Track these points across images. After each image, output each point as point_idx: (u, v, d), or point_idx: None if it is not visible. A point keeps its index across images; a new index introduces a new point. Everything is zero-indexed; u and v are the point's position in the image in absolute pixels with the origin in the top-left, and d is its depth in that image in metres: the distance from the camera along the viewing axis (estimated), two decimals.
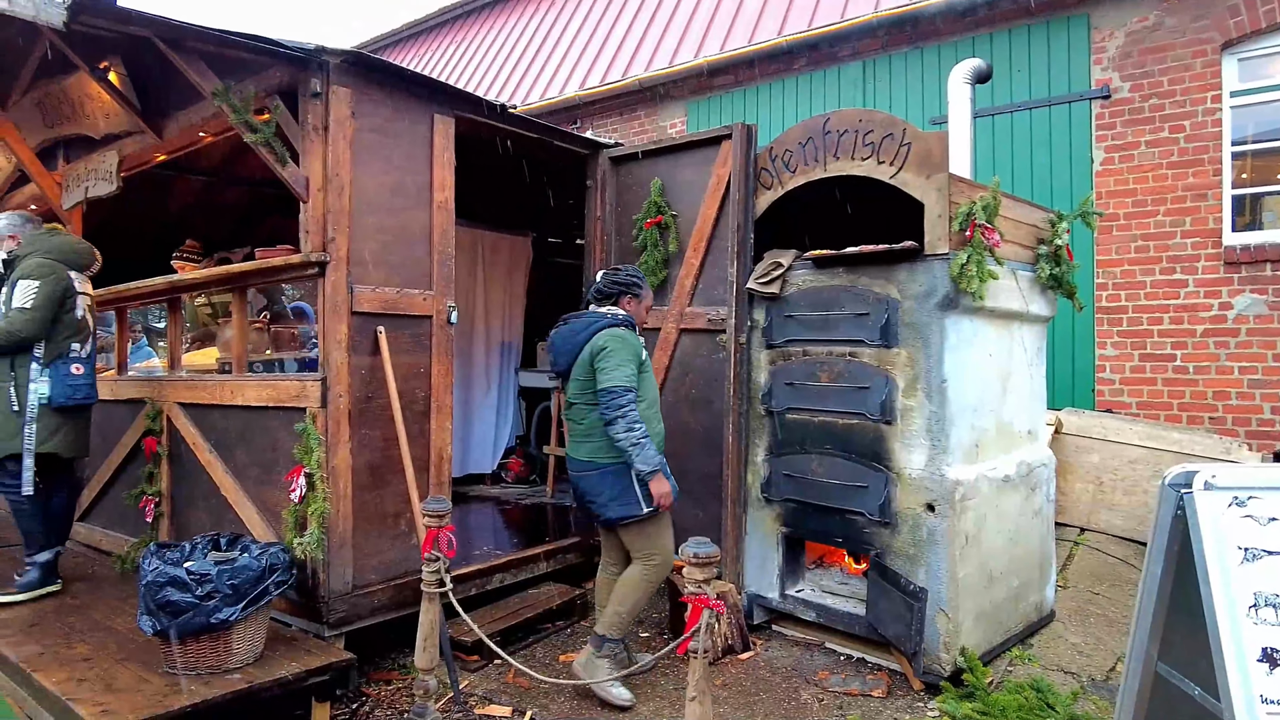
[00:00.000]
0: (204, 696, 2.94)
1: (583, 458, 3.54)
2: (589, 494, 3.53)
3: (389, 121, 3.80)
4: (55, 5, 2.92)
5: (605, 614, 3.53)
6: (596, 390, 3.41)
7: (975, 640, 3.57)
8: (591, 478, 3.50)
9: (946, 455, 3.49)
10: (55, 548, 4.12)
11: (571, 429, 3.62)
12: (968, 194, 3.58)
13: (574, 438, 3.60)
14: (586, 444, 3.53)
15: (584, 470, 3.54)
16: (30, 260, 4.00)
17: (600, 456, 3.47)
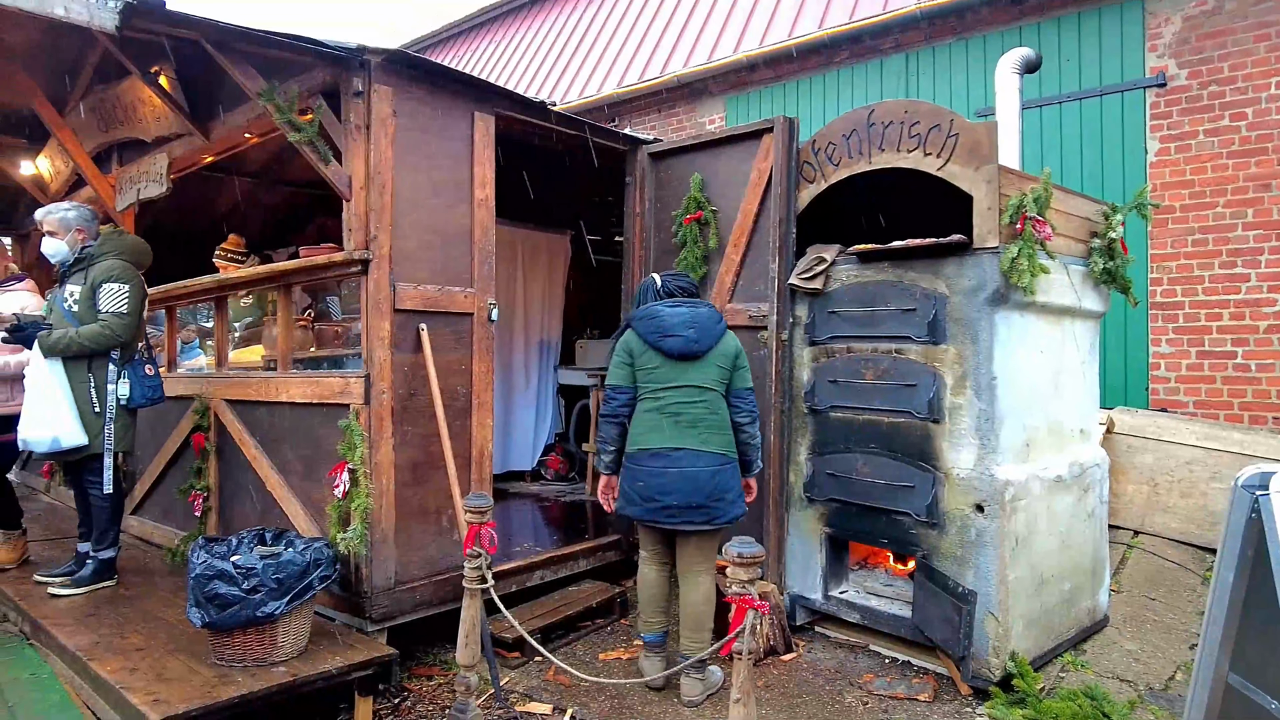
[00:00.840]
0: (250, 688, 2.98)
1: (715, 449, 3.38)
2: (718, 490, 3.33)
3: (430, 120, 3.81)
4: (108, 10, 2.98)
5: (699, 638, 3.42)
6: (734, 387, 3.47)
7: (1025, 645, 3.47)
8: (725, 473, 3.38)
9: (996, 455, 3.40)
10: (118, 545, 4.22)
11: (689, 418, 3.38)
12: (1018, 186, 3.48)
13: (699, 429, 3.38)
14: (718, 436, 3.40)
15: (716, 465, 3.36)
16: (111, 261, 4.07)
17: (731, 452, 3.43)
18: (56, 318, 4.02)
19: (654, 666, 3.48)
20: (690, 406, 3.42)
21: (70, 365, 3.92)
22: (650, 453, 3.41)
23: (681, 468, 3.34)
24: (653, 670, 3.47)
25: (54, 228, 4.06)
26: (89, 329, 3.93)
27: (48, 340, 3.88)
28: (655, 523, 3.41)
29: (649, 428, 3.45)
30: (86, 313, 3.99)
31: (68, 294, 4.03)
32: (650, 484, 3.39)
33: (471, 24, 12.51)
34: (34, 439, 3.86)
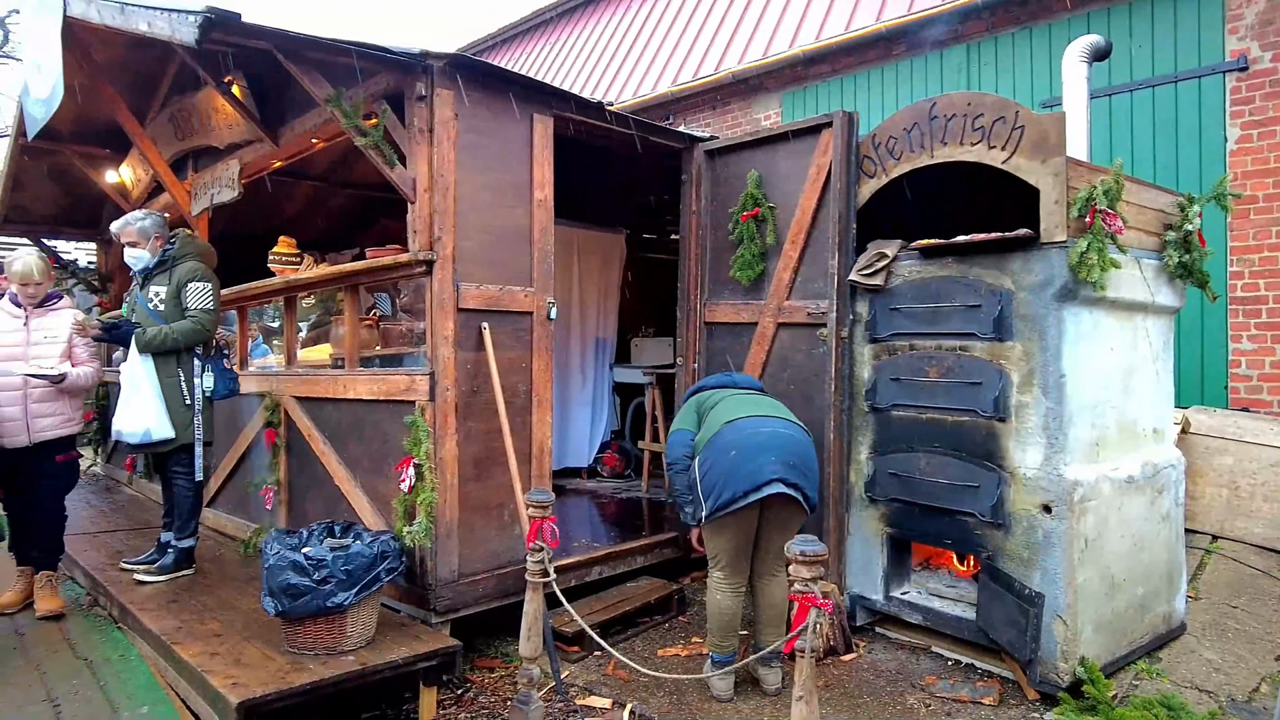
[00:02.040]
0: (322, 675, 3.08)
1: (799, 424, 3.53)
2: (810, 460, 3.39)
3: (490, 122, 3.88)
4: (188, 24, 3.11)
5: (780, 632, 3.48)
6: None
7: (1095, 650, 3.37)
8: (812, 449, 3.47)
9: (1064, 454, 3.31)
10: (197, 536, 4.42)
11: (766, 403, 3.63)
12: (1087, 178, 3.38)
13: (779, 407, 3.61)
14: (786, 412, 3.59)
15: (803, 434, 3.47)
16: (193, 263, 4.31)
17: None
18: (141, 317, 4.21)
19: (727, 685, 3.44)
20: (763, 402, 3.62)
21: (160, 361, 4.12)
22: (733, 423, 3.41)
23: (774, 428, 3.39)
24: (725, 688, 3.43)
25: (134, 238, 4.25)
26: (182, 325, 4.15)
27: (144, 337, 4.09)
28: (755, 490, 3.21)
29: (726, 410, 3.52)
30: (172, 312, 4.20)
31: (152, 295, 4.23)
32: (745, 447, 3.28)
33: (527, 26, 12.65)
34: (127, 431, 4.05)
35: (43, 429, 4.04)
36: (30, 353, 4.04)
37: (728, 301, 4.66)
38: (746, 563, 3.48)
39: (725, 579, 3.45)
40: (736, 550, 3.43)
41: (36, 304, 4.15)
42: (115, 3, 3.82)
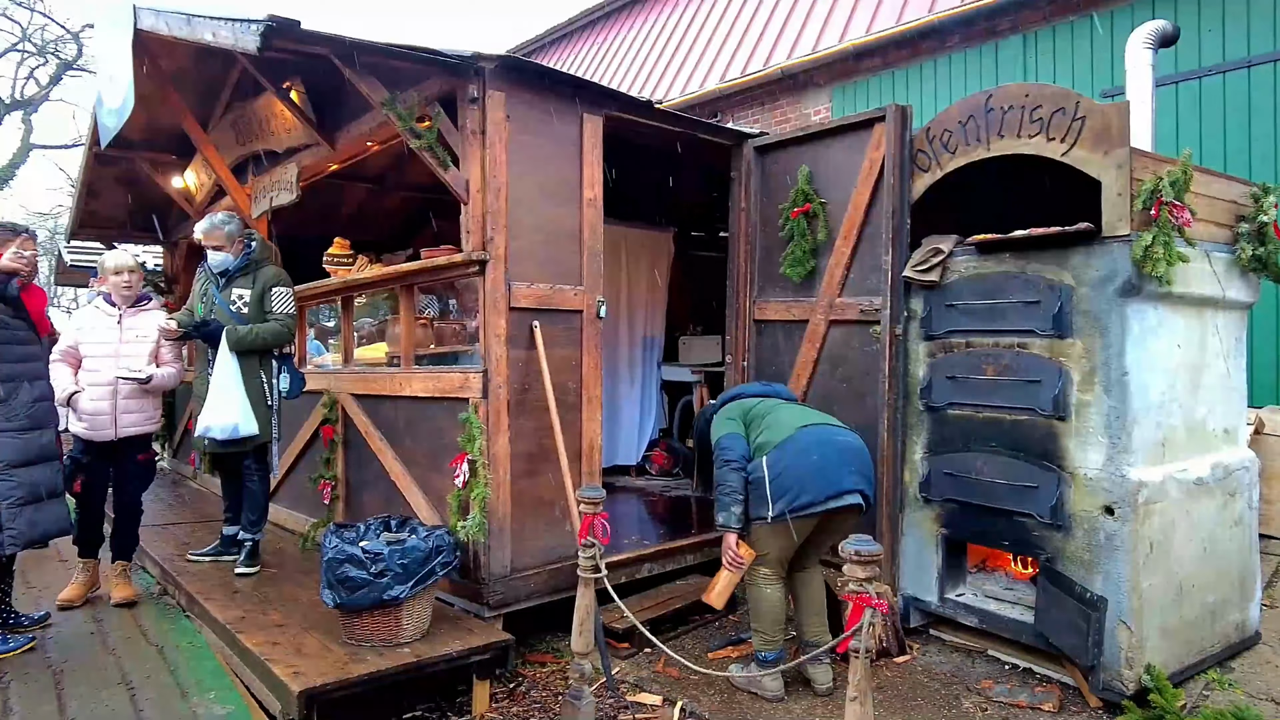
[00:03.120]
0: (379, 666, 3.16)
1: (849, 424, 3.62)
2: (871, 471, 3.49)
3: (540, 122, 3.92)
4: (251, 33, 3.21)
5: (823, 622, 3.57)
6: None
7: (1162, 658, 3.26)
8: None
9: (1128, 455, 3.21)
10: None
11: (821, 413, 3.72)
12: (1152, 169, 3.27)
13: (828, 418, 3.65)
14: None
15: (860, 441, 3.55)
16: (275, 268, 4.49)
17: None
18: (222, 319, 4.33)
19: (778, 684, 3.43)
20: (817, 413, 3.70)
21: (244, 361, 4.26)
22: (809, 428, 3.46)
23: (847, 439, 3.49)
24: (777, 688, 3.41)
25: (220, 241, 4.35)
26: (269, 327, 4.31)
27: (236, 335, 4.23)
28: (835, 497, 3.29)
29: (790, 415, 3.56)
30: (256, 314, 4.34)
31: (235, 297, 4.36)
32: (826, 453, 3.35)
33: (575, 26, 12.73)
34: (217, 427, 4.18)
35: (128, 425, 4.19)
36: (121, 351, 4.21)
37: (778, 299, 4.62)
38: (787, 561, 3.52)
39: (773, 572, 3.46)
40: (786, 549, 3.44)
41: (130, 304, 4.32)
42: (182, 15, 3.97)
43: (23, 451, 3.52)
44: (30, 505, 3.51)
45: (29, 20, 19.05)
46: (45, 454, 3.62)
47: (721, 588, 3.48)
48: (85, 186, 7.08)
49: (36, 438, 3.58)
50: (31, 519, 3.52)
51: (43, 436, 3.61)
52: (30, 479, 3.52)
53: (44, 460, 3.60)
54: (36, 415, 3.59)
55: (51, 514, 3.61)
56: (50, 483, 3.61)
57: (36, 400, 3.61)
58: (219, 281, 4.41)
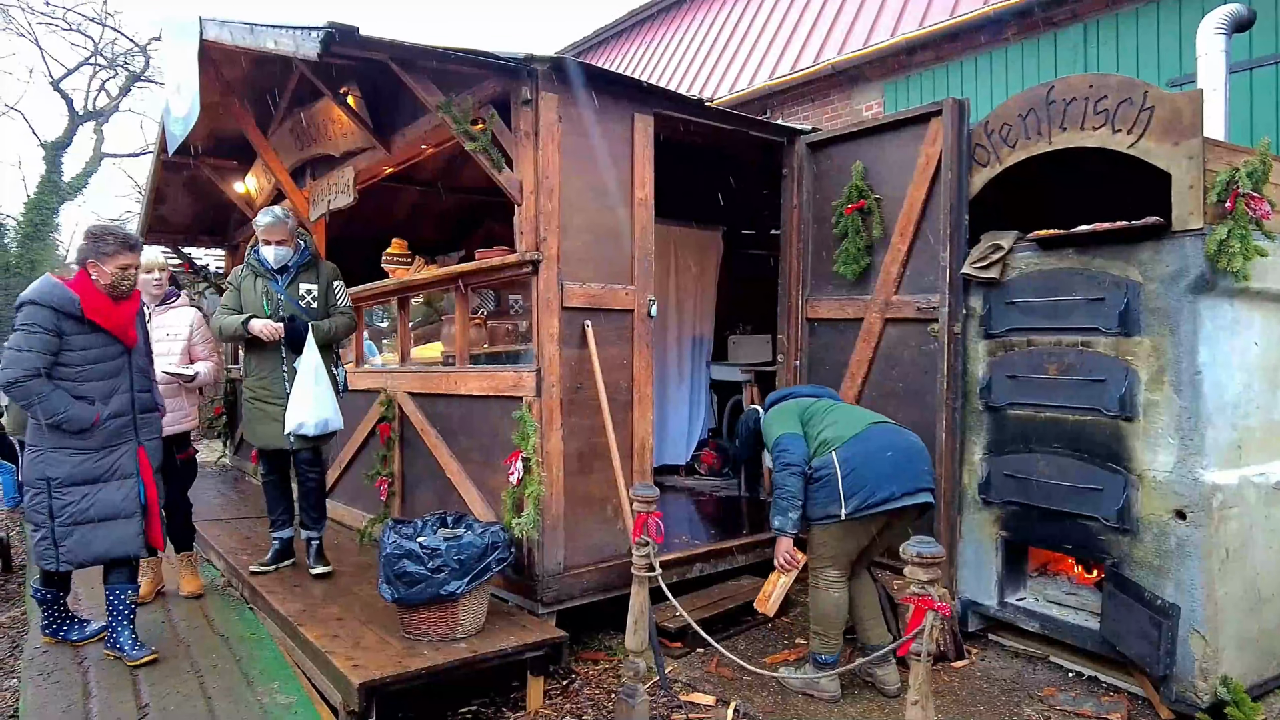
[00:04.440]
0: (435, 661, 3.21)
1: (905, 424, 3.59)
2: (931, 467, 3.48)
3: (592, 123, 3.94)
4: (311, 40, 3.29)
5: (882, 623, 3.57)
6: None
7: (1240, 670, 3.14)
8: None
9: (1201, 456, 3.09)
10: None
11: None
12: (1227, 160, 3.15)
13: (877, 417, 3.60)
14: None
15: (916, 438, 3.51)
16: (330, 264, 4.47)
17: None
18: (289, 313, 4.22)
19: (836, 686, 3.41)
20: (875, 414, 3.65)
21: (324, 355, 4.25)
22: (880, 426, 3.48)
23: (910, 439, 3.47)
24: (835, 689, 3.39)
25: (285, 236, 4.25)
26: (341, 320, 4.35)
27: (322, 330, 4.24)
28: (910, 494, 3.30)
29: (856, 415, 3.56)
30: (322, 309, 4.32)
31: (304, 293, 4.29)
32: (899, 451, 3.36)
33: (624, 25, 12.75)
34: (310, 423, 4.11)
35: (167, 424, 4.14)
36: (155, 350, 4.19)
37: (831, 297, 4.57)
38: (850, 564, 3.46)
39: (841, 575, 3.42)
40: (852, 551, 3.41)
41: (159, 302, 4.38)
42: (245, 24, 4.08)
43: (84, 470, 3.40)
44: (85, 525, 3.39)
45: (100, 34, 19.84)
46: (113, 473, 3.46)
47: (776, 594, 3.45)
48: (153, 193, 7.34)
49: (103, 456, 3.44)
50: (85, 539, 3.40)
51: (111, 456, 3.45)
52: (88, 498, 3.39)
53: (111, 479, 3.45)
54: (107, 433, 3.43)
55: (111, 535, 3.44)
56: (113, 504, 3.44)
57: (111, 418, 3.44)
58: (277, 278, 4.28)
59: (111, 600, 3.57)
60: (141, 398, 3.59)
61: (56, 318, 3.29)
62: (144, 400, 3.61)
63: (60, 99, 19.81)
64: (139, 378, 3.58)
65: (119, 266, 3.37)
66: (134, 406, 3.53)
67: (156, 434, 3.72)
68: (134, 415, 3.53)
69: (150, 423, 3.66)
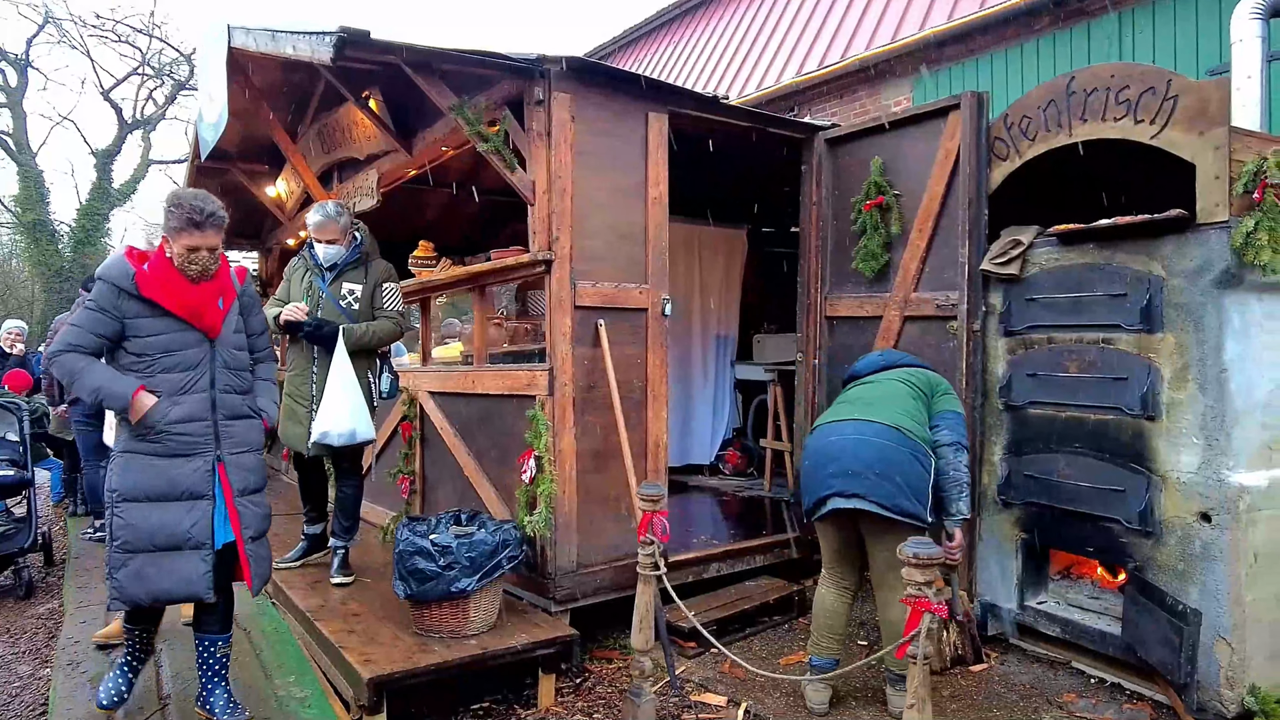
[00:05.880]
0: (445, 657, 3.24)
1: (886, 422, 3.12)
2: (889, 466, 3.02)
3: (606, 122, 3.94)
4: (325, 44, 3.35)
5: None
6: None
7: (1270, 679, 3.03)
8: (900, 451, 3.06)
9: (1227, 457, 2.99)
10: None
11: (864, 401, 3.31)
12: (1255, 149, 3.04)
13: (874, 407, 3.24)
14: (892, 412, 3.18)
15: (886, 437, 3.09)
16: (386, 263, 4.27)
17: (912, 435, 3.11)
18: (331, 315, 4.07)
19: (818, 693, 3.27)
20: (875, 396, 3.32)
21: (354, 361, 4.01)
22: (820, 428, 3.32)
23: (845, 433, 3.16)
24: (816, 697, 3.27)
25: (335, 235, 4.10)
26: (383, 325, 4.12)
27: (354, 334, 4.01)
28: (817, 507, 3.14)
29: (832, 410, 3.42)
30: (366, 311, 4.13)
31: (346, 292, 4.10)
32: (816, 457, 3.17)
33: (650, 26, 12.76)
34: (336, 432, 3.93)
35: None
36: None
37: (850, 295, 4.52)
38: (851, 567, 3.33)
39: (827, 574, 3.36)
40: (834, 554, 3.32)
41: None
42: (268, 31, 4.17)
43: (147, 482, 2.80)
44: (142, 555, 2.79)
45: (148, 45, 20.45)
46: (180, 490, 2.83)
47: None
48: None
49: (167, 468, 2.81)
50: (139, 571, 2.78)
51: (181, 469, 2.83)
52: (149, 520, 2.78)
53: (177, 498, 2.82)
54: (178, 439, 2.83)
55: (173, 571, 2.80)
56: (177, 530, 2.80)
57: (182, 421, 2.83)
58: (324, 275, 4.13)
59: (200, 652, 3.04)
60: (228, 400, 2.94)
61: (116, 295, 2.81)
62: (231, 404, 2.95)
63: (110, 108, 20.47)
64: (226, 375, 2.95)
65: (185, 247, 2.80)
66: (215, 410, 2.89)
67: (249, 448, 3.01)
68: (215, 421, 2.89)
69: (238, 434, 2.97)
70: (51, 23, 18.93)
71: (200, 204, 2.82)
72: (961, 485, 3.09)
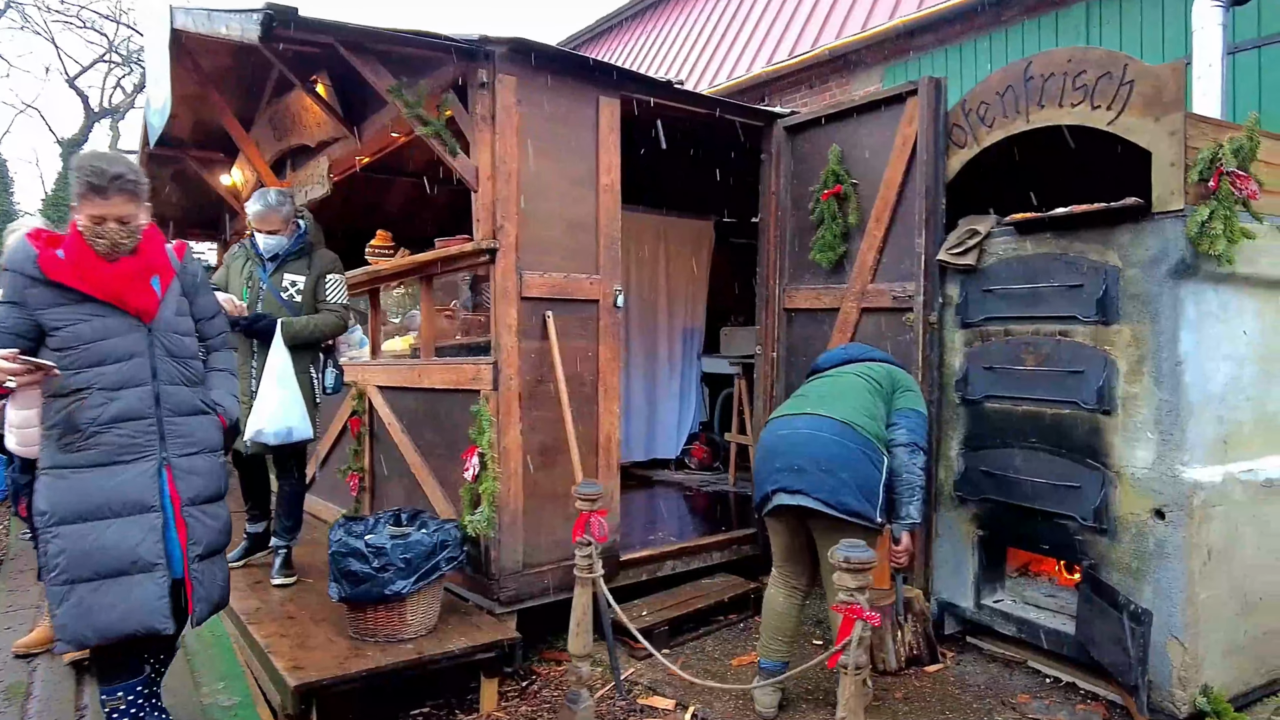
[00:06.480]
0: (378, 663, 3.11)
1: (839, 417, 2.98)
2: (829, 459, 2.89)
3: (555, 107, 3.80)
4: (253, 23, 3.20)
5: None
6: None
7: (1224, 678, 2.97)
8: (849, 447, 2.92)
9: (1181, 452, 2.91)
10: None
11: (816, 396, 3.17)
12: (1212, 136, 2.95)
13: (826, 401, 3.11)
14: (845, 408, 3.03)
15: (837, 433, 2.95)
16: (331, 253, 4.13)
17: (865, 432, 2.96)
18: (272, 308, 3.94)
19: (766, 696, 3.15)
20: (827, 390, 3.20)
21: (295, 356, 3.88)
22: (770, 423, 3.19)
23: (795, 428, 3.03)
24: (765, 700, 3.15)
25: (277, 225, 3.98)
26: (326, 319, 3.99)
27: (292, 328, 3.86)
28: (763, 503, 3.05)
29: (784, 405, 3.28)
30: (309, 303, 4.01)
31: (288, 284, 3.97)
32: (763, 454, 3.06)
33: (623, 16, 12.60)
34: (270, 430, 3.78)
35: None
36: None
37: (808, 286, 4.41)
38: (801, 566, 3.20)
39: (777, 573, 3.24)
40: (784, 552, 3.20)
41: None
42: (204, 11, 4.00)
43: (78, 498, 2.40)
44: (83, 585, 2.38)
45: (115, 32, 20.03)
46: (121, 503, 2.43)
47: None
48: None
49: (104, 478, 2.42)
50: (83, 604, 2.36)
51: (117, 477, 2.43)
52: (87, 542, 2.38)
53: (119, 513, 2.43)
54: (116, 441, 2.44)
55: (121, 600, 2.39)
56: (122, 550, 2.40)
57: (119, 420, 2.45)
58: (265, 265, 4.00)
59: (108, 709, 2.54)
60: (174, 393, 2.56)
61: (23, 284, 2.42)
62: (179, 398, 2.57)
63: (76, 96, 20.05)
64: (170, 365, 2.56)
65: (89, 216, 2.40)
66: (159, 404, 2.52)
67: (202, 448, 2.61)
68: (159, 418, 2.51)
69: (189, 432, 2.58)
70: (13, 7, 18.49)
71: (102, 165, 2.43)
72: (914, 488, 2.96)
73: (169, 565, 2.48)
